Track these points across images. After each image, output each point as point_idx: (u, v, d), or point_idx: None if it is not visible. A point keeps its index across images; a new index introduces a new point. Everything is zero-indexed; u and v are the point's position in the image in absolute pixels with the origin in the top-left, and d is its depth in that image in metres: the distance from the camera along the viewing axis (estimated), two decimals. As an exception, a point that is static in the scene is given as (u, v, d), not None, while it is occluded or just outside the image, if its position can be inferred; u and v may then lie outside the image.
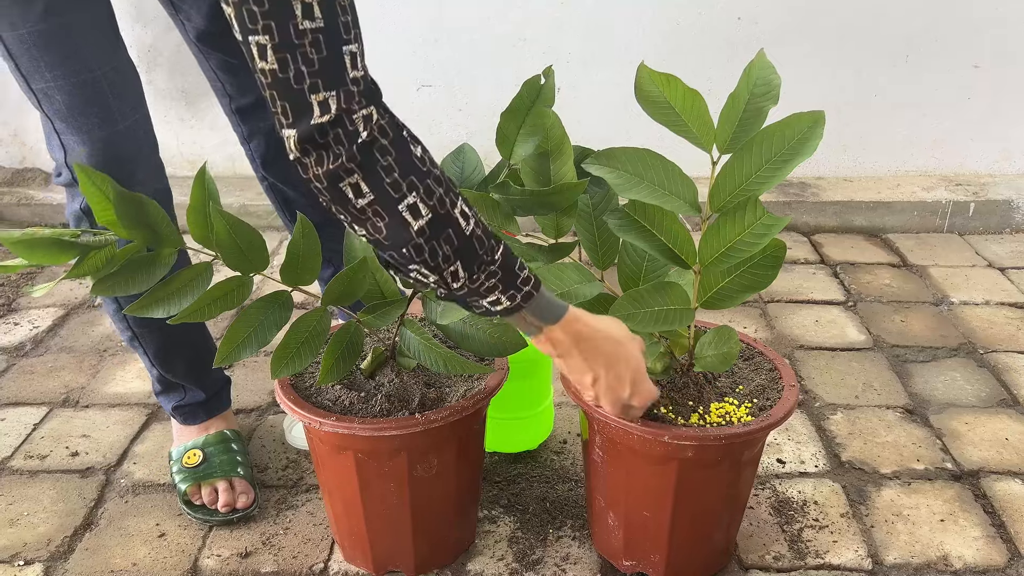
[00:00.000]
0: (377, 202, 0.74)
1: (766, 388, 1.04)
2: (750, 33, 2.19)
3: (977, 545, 1.17)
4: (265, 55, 0.69)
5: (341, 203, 0.74)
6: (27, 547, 1.18)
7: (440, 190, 0.76)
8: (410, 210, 0.74)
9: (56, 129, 1.03)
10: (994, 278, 1.94)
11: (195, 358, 1.26)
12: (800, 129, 0.84)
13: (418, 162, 0.75)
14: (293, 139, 0.72)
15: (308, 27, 0.68)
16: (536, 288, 0.82)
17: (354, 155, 0.72)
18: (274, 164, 1.31)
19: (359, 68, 0.72)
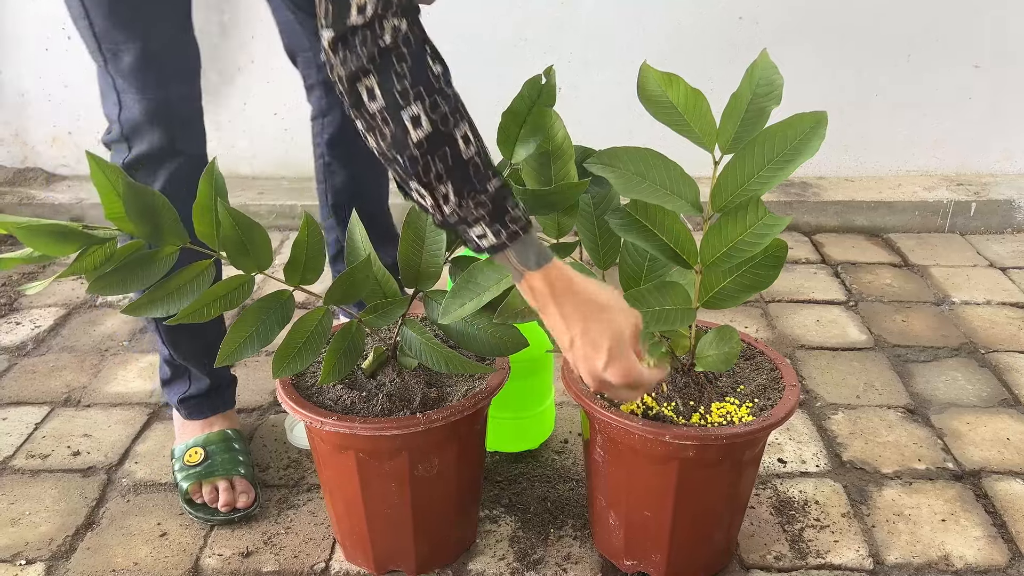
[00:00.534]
0: (386, 108, 0.77)
1: (767, 388, 1.04)
2: (751, 33, 2.19)
3: (978, 545, 1.17)
4: None
5: (357, 106, 0.77)
6: (29, 546, 1.18)
7: (446, 107, 0.77)
8: (412, 120, 0.77)
9: (116, 87, 1.09)
10: (995, 278, 1.94)
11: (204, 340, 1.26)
12: (802, 129, 0.84)
13: (432, 77, 0.77)
14: (328, 38, 0.75)
15: None
16: (524, 230, 0.82)
17: (374, 57, 0.75)
18: (339, 145, 1.34)
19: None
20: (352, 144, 1.35)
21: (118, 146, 1.13)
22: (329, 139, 1.35)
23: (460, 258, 1.03)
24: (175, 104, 1.11)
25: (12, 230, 0.84)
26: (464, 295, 0.96)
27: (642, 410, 1.00)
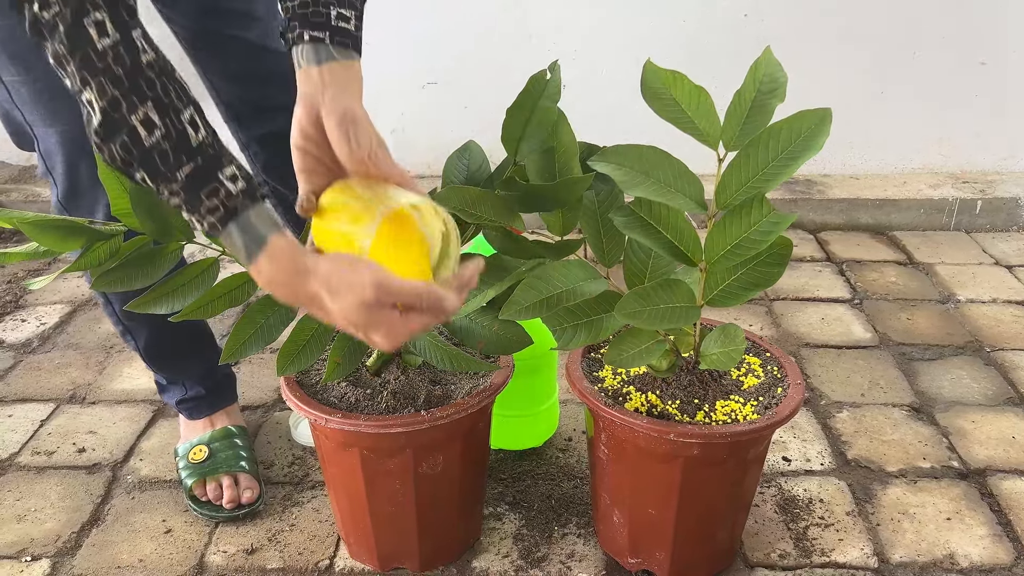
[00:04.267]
0: (72, 89, 0.72)
1: (772, 386, 1.04)
2: (756, 30, 2.18)
3: (983, 544, 1.16)
4: None
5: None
6: (34, 543, 1.19)
7: (116, 91, 0.70)
8: (88, 105, 0.72)
9: (26, 119, 1.04)
10: (1001, 276, 1.93)
11: (187, 353, 1.27)
12: (806, 126, 0.84)
13: (94, 56, 0.70)
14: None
15: None
16: (222, 223, 0.75)
17: (37, 31, 0.70)
18: (274, 169, 1.32)
19: None
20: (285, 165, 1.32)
21: (49, 181, 1.09)
22: (263, 167, 1.31)
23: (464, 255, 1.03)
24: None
25: (18, 225, 0.85)
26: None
27: (646, 408, 1.00)
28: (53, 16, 0.69)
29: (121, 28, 0.71)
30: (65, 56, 0.70)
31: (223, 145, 0.76)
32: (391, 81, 2.26)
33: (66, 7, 0.69)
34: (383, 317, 0.74)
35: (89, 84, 0.71)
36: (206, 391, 1.30)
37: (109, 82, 0.71)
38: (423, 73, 2.27)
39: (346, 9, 0.84)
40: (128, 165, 0.73)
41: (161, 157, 0.73)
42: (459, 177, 0.99)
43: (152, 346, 1.24)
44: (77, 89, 0.71)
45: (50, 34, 0.70)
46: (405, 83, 2.26)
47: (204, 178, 0.74)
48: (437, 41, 2.23)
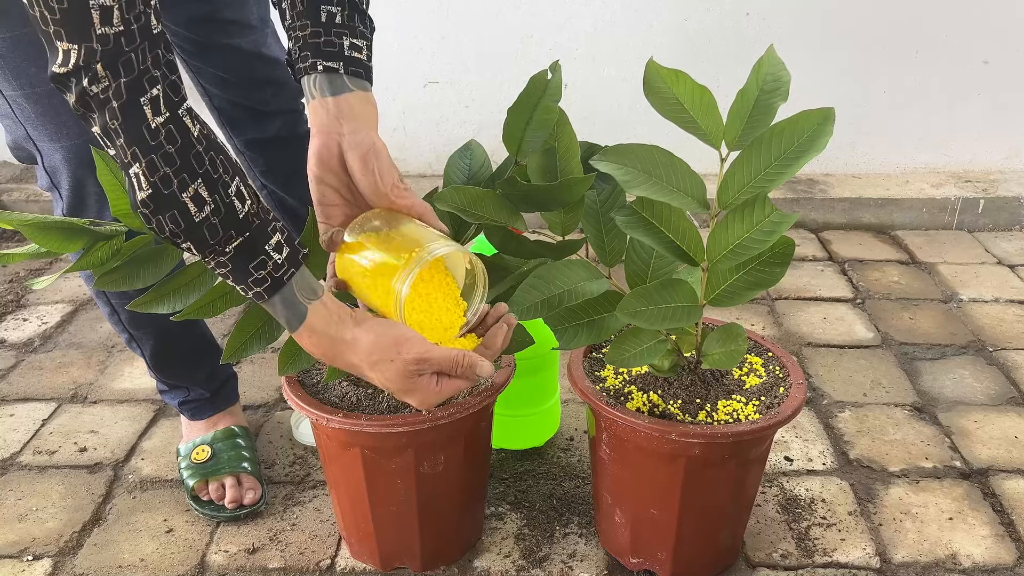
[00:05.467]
0: (117, 158, 0.73)
1: (774, 386, 1.04)
2: (759, 29, 2.18)
3: (986, 544, 1.16)
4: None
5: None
6: (36, 542, 1.19)
7: (167, 169, 0.71)
8: (135, 178, 0.72)
9: (30, 134, 1.04)
10: (1003, 275, 1.93)
11: (192, 359, 1.27)
12: (810, 126, 0.83)
13: (148, 134, 0.70)
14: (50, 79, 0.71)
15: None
16: (268, 293, 0.78)
17: (87, 105, 0.70)
18: (271, 173, 1.32)
19: (112, 24, 0.68)
20: (286, 169, 1.32)
21: (53, 195, 1.09)
22: (261, 172, 1.32)
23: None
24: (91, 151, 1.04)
25: (19, 227, 0.85)
26: (470, 292, 0.95)
27: (648, 407, 1.00)
28: (104, 91, 0.69)
29: (172, 106, 0.72)
30: (116, 131, 0.70)
31: (267, 208, 0.78)
32: (392, 80, 2.26)
33: (117, 83, 0.69)
34: (420, 384, 0.80)
35: (139, 160, 0.71)
36: (209, 393, 1.30)
37: (161, 160, 0.71)
38: (424, 72, 2.27)
39: (358, 39, 0.86)
40: (176, 237, 0.74)
41: (210, 232, 0.74)
42: (461, 177, 0.99)
43: (158, 354, 1.24)
44: (126, 163, 0.72)
45: (99, 108, 0.70)
46: (407, 82, 2.26)
47: (252, 251, 0.76)
48: (438, 40, 2.23)
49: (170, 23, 1.16)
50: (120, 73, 0.69)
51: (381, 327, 0.80)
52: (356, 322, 0.81)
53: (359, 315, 0.82)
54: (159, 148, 0.71)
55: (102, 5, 0.67)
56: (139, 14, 0.69)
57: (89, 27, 0.67)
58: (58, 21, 0.67)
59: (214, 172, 0.74)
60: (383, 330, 0.80)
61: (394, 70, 2.25)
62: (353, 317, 0.81)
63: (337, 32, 0.85)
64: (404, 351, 0.79)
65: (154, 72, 0.70)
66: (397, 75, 2.26)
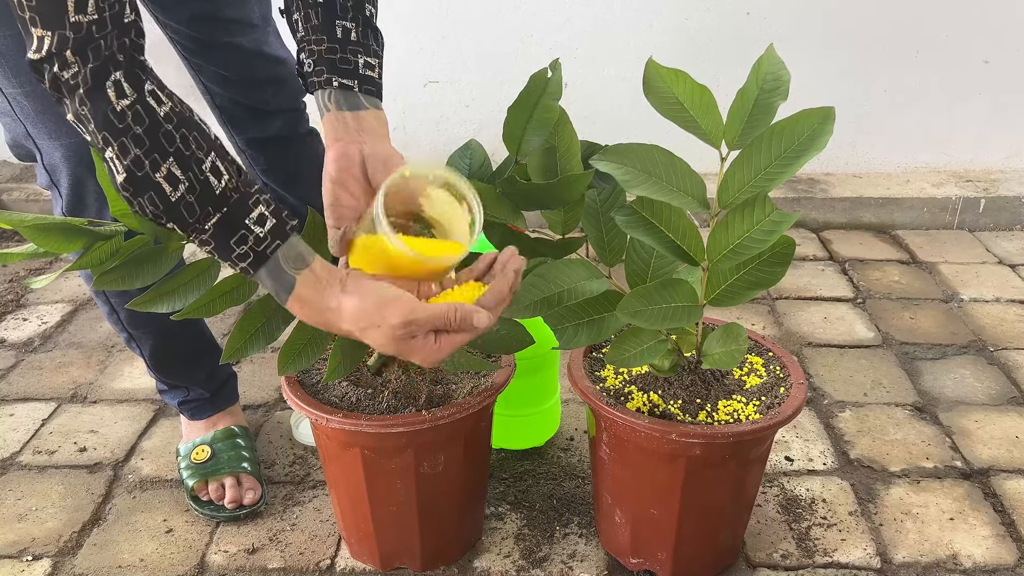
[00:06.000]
0: (93, 144, 0.73)
1: (774, 386, 1.04)
2: (759, 29, 2.18)
3: (987, 544, 1.16)
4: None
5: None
6: (35, 542, 1.19)
7: (138, 151, 0.72)
8: (111, 162, 0.73)
9: (29, 132, 1.04)
10: (1004, 275, 1.93)
11: (192, 359, 1.27)
12: (809, 125, 0.83)
13: (114, 117, 0.71)
14: (26, 63, 0.72)
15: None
16: (253, 267, 0.78)
17: (58, 90, 0.71)
18: (271, 172, 1.32)
19: (87, 12, 0.68)
20: (287, 168, 1.33)
21: (52, 193, 1.09)
22: (261, 171, 1.32)
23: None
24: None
25: (18, 227, 0.84)
26: (469, 292, 0.95)
27: (648, 407, 1.00)
28: (73, 76, 0.70)
29: (137, 85, 0.72)
30: (85, 117, 0.71)
31: (249, 182, 0.78)
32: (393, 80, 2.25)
33: (84, 69, 0.70)
34: (416, 345, 0.77)
35: (111, 144, 0.72)
36: (209, 393, 1.30)
37: (131, 141, 0.72)
38: (424, 72, 2.27)
39: (371, 58, 0.88)
40: (158, 217, 0.75)
41: (188, 210, 0.74)
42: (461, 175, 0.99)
43: (158, 354, 1.24)
44: (100, 148, 0.72)
45: (70, 94, 0.71)
46: (407, 82, 2.26)
47: (231, 226, 0.76)
48: (438, 40, 2.23)
49: (171, 21, 1.16)
50: (88, 59, 0.69)
51: (366, 289, 0.78)
52: (343, 288, 0.79)
53: (350, 279, 0.80)
54: (127, 131, 0.71)
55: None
56: (113, 2, 0.69)
57: (63, 14, 0.68)
58: (34, 8, 0.68)
59: (186, 149, 0.73)
60: (367, 292, 0.78)
61: (395, 70, 2.24)
62: (342, 282, 0.79)
63: (352, 50, 0.86)
64: (389, 315, 0.76)
65: (118, 56, 0.71)
66: (397, 75, 2.26)
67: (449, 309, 0.77)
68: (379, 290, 0.78)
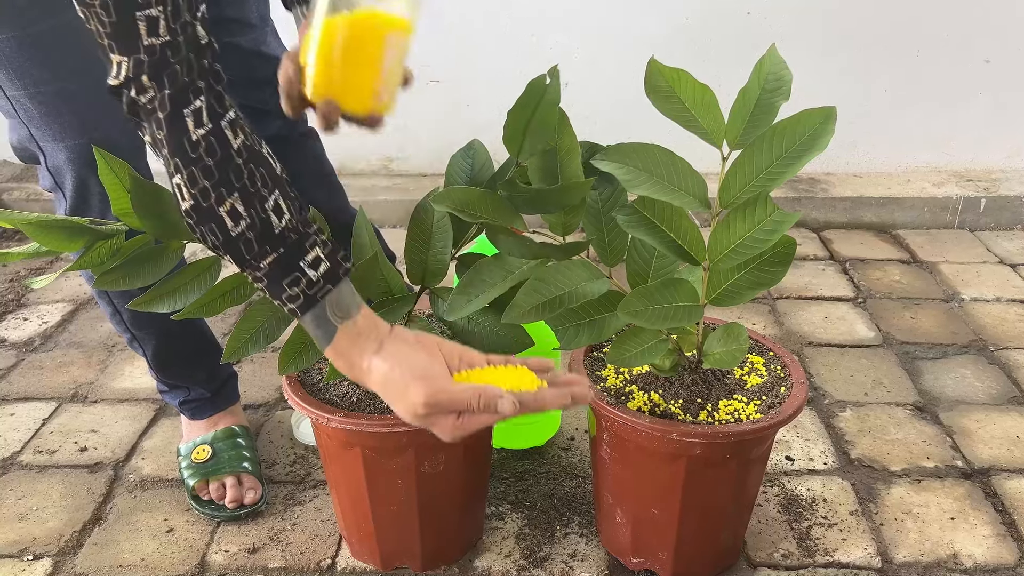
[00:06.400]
0: (165, 167, 0.74)
1: (775, 385, 1.04)
2: (760, 28, 2.18)
3: (987, 544, 1.16)
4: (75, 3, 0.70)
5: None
6: (36, 541, 1.19)
7: (206, 182, 0.72)
8: (177, 189, 0.74)
9: (33, 135, 1.03)
10: (1005, 275, 1.93)
11: (194, 359, 1.27)
12: (811, 125, 0.83)
13: (189, 146, 0.72)
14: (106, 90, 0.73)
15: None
16: (301, 310, 0.78)
17: (137, 115, 0.72)
18: None
19: (159, 34, 0.69)
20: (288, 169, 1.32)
21: (56, 195, 1.09)
22: None
23: (466, 255, 1.03)
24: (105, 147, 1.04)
25: (20, 226, 0.84)
26: (470, 291, 0.95)
27: (649, 407, 1.00)
28: (150, 101, 0.71)
29: (215, 115, 0.72)
30: (161, 142, 0.72)
31: (308, 221, 0.78)
32: (393, 79, 2.26)
33: (162, 94, 0.70)
34: (437, 422, 0.77)
35: (181, 171, 0.72)
36: (210, 392, 1.30)
37: (200, 173, 0.72)
38: (426, 72, 2.26)
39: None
40: (216, 249, 0.76)
41: (246, 246, 0.75)
42: (463, 176, 0.99)
43: (160, 354, 1.24)
44: (170, 173, 0.73)
45: (147, 118, 0.72)
46: (407, 81, 2.26)
47: (286, 267, 0.76)
48: (440, 40, 2.22)
49: None
50: (165, 84, 0.70)
51: (398, 358, 0.78)
52: (379, 349, 0.79)
53: (389, 341, 0.80)
54: (199, 161, 0.72)
55: (148, 16, 0.68)
56: (185, 24, 0.70)
57: (136, 39, 0.69)
58: (109, 35, 0.69)
59: (251, 186, 0.74)
60: (399, 362, 0.78)
61: (395, 69, 2.25)
62: (380, 342, 0.79)
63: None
64: (412, 393, 0.76)
65: (198, 83, 0.72)
66: (398, 74, 2.25)
67: (473, 396, 0.76)
68: (411, 361, 0.78)
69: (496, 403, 0.77)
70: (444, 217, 0.99)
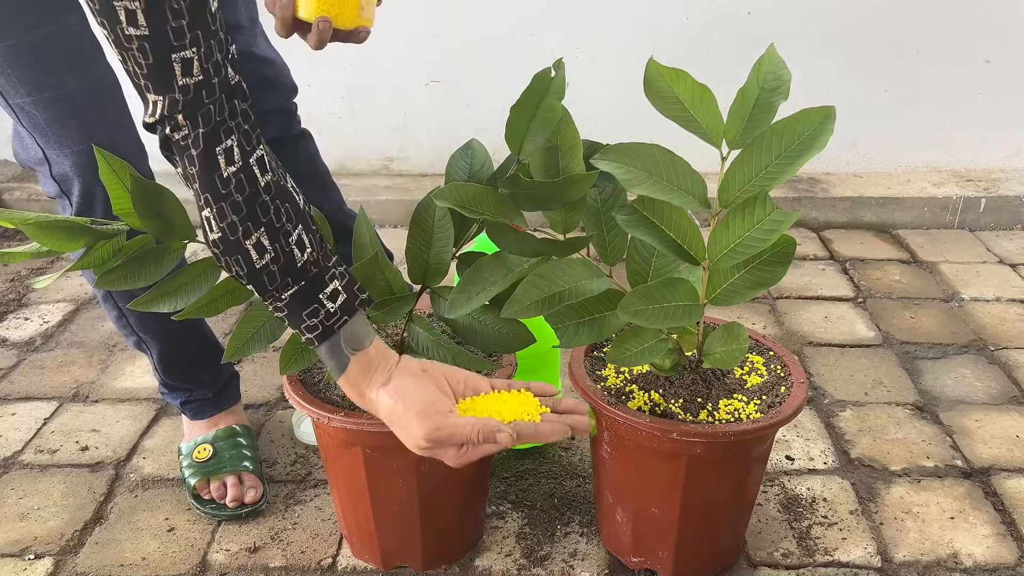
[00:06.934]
0: (195, 200, 0.77)
1: (775, 385, 1.04)
2: (760, 28, 2.18)
3: (987, 543, 1.16)
4: (110, 44, 0.73)
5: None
6: (37, 541, 1.19)
7: (235, 217, 0.76)
8: (206, 221, 0.77)
9: (38, 143, 1.04)
10: (1005, 275, 1.93)
11: (198, 361, 1.27)
12: (810, 124, 0.83)
13: (219, 182, 0.75)
14: (141, 125, 0.77)
15: (133, 33, 0.70)
16: (319, 340, 0.82)
17: (170, 152, 0.76)
18: None
19: (193, 74, 0.72)
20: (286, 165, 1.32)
21: (61, 202, 1.09)
22: None
23: (467, 254, 1.03)
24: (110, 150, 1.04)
25: (20, 225, 0.85)
26: (471, 290, 0.95)
27: (649, 407, 1.00)
28: (184, 138, 0.74)
29: (244, 155, 0.76)
30: (193, 177, 0.75)
31: (328, 255, 0.82)
32: (394, 79, 2.26)
33: (196, 132, 0.74)
34: (440, 453, 0.83)
35: (211, 206, 0.76)
36: (212, 393, 1.30)
37: (229, 208, 0.76)
38: (426, 72, 2.27)
39: None
40: (240, 278, 0.80)
41: (269, 278, 0.79)
42: (462, 175, 1.00)
43: (165, 357, 1.25)
44: (200, 206, 0.77)
45: (180, 154, 0.75)
46: (408, 81, 2.26)
47: (306, 299, 0.81)
48: (440, 39, 2.23)
49: None
50: (199, 124, 0.73)
51: (404, 392, 0.83)
52: (386, 382, 0.84)
53: (397, 374, 0.84)
54: (228, 196, 0.76)
55: (183, 58, 0.71)
56: (217, 64, 0.73)
57: (172, 79, 0.71)
58: (146, 75, 0.72)
59: (277, 221, 0.78)
60: (404, 395, 0.83)
61: (396, 69, 2.25)
62: (389, 372, 0.84)
63: None
64: (415, 427, 0.81)
65: (230, 123, 0.75)
66: (398, 74, 2.26)
67: (472, 431, 0.81)
68: (416, 396, 0.83)
69: (495, 436, 0.81)
70: (445, 216, 0.99)
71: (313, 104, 2.22)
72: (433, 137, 2.33)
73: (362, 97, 2.30)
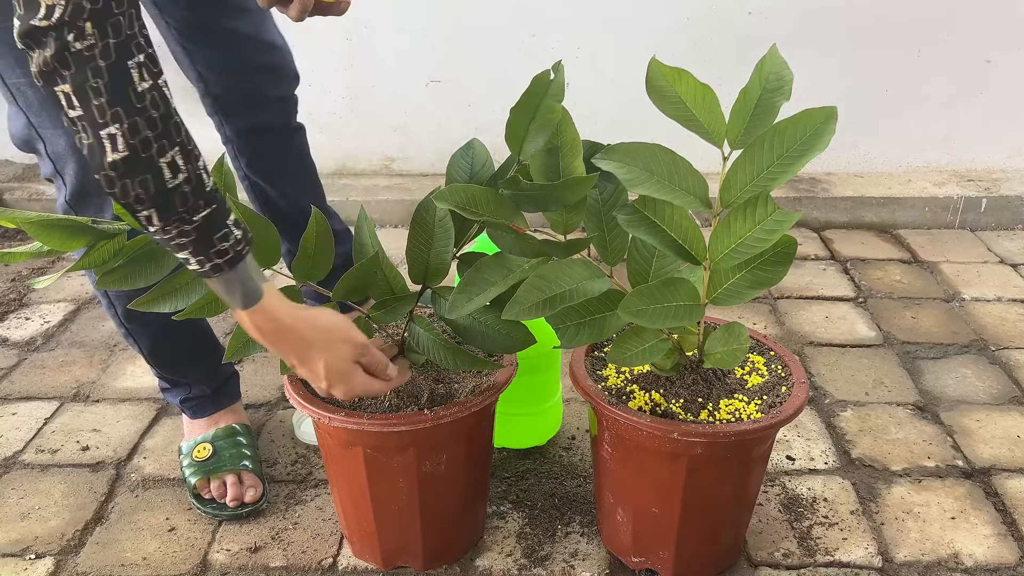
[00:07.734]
0: (84, 119, 0.72)
1: (776, 385, 1.04)
2: (761, 28, 2.18)
3: (988, 543, 1.16)
4: None
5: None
6: (38, 541, 1.19)
7: (149, 132, 0.72)
8: (109, 139, 0.72)
9: (32, 122, 1.04)
10: (1006, 275, 1.93)
11: (191, 355, 1.27)
12: (812, 124, 0.83)
13: (134, 96, 0.71)
14: (16, 31, 0.70)
15: None
16: (230, 265, 0.81)
17: (65, 63, 0.70)
18: (257, 164, 1.31)
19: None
20: (273, 161, 1.33)
21: (56, 182, 1.09)
22: (246, 162, 1.31)
23: (468, 254, 1.03)
24: None
25: (22, 225, 0.85)
26: (471, 290, 0.95)
27: (650, 406, 1.00)
28: (88, 48, 0.70)
29: (154, 75, 0.73)
30: (98, 90, 0.71)
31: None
32: (394, 79, 2.26)
33: (105, 42, 0.70)
34: (356, 372, 0.92)
35: (121, 121, 0.72)
36: (211, 391, 1.30)
37: (145, 123, 0.73)
38: (426, 72, 2.27)
39: None
40: (139, 202, 0.75)
41: (181, 199, 0.76)
42: (463, 176, 0.99)
43: (156, 349, 1.24)
44: (100, 123, 0.72)
45: (79, 65, 0.70)
46: (409, 81, 2.26)
47: (217, 222, 0.79)
48: (440, 40, 2.23)
49: (172, 6, 1.16)
50: (108, 33, 0.70)
51: (327, 311, 0.91)
52: (297, 304, 0.89)
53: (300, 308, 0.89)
54: (144, 112, 0.72)
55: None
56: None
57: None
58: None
59: (188, 144, 0.76)
60: (331, 312, 0.91)
61: (396, 69, 2.25)
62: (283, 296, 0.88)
63: None
64: (355, 333, 0.90)
65: (140, 39, 0.72)
66: (399, 74, 2.26)
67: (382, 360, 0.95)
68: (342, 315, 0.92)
69: (389, 366, 0.95)
70: (446, 216, 0.99)
71: (314, 104, 2.22)
72: (434, 137, 2.33)
73: (363, 97, 2.30)
